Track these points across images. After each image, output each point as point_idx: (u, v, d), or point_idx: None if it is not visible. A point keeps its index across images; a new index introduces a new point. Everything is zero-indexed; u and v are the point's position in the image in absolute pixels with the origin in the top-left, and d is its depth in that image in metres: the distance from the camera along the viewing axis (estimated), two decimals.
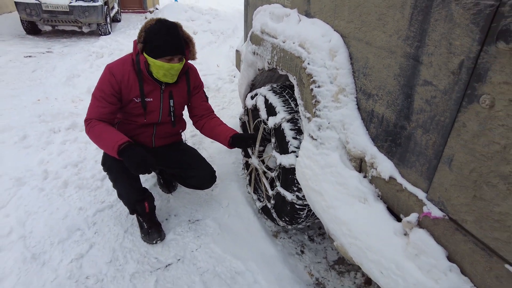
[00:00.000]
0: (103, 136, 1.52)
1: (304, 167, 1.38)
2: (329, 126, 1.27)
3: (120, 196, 1.77)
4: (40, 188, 2.12)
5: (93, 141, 1.57)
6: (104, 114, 1.59)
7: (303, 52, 1.35)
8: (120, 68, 1.61)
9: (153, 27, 1.56)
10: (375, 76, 1.12)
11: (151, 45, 1.55)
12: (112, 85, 1.59)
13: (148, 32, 1.56)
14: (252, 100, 1.85)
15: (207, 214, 2.01)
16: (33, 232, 1.78)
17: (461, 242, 0.85)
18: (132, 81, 1.62)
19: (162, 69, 1.58)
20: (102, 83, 1.60)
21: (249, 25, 2.31)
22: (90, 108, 1.61)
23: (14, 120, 2.98)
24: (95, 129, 1.54)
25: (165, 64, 1.57)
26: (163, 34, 1.54)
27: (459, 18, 0.79)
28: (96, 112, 1.58)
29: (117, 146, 1.46)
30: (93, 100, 1.61)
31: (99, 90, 1.60)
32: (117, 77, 1.59)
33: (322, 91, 1.28)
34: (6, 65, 4.76)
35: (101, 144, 1.54)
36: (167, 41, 1.54)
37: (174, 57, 1.58)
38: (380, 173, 1.11)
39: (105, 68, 1.62)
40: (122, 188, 1.72)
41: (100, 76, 1.63)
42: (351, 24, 1.20)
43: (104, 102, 1.59)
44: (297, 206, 1.56)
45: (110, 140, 1.49)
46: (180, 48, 1.59)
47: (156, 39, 1.54)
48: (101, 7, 6.55)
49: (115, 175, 1.68)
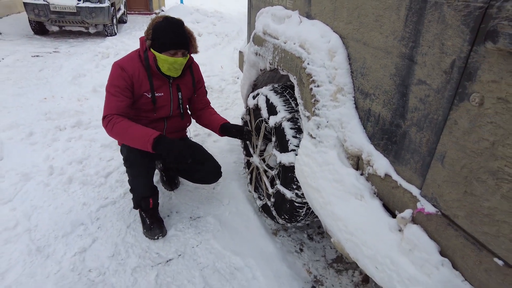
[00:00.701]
0: (131, 131, 1.54)
1: (303, 165, 1.41)
2: (328, 125, 1.30)
3: (134, 190, 1.80)
4: (45, 183, 2.16)
5: (116, 136, 1.60)
6: (122, 108, 1.62)
7: (303, 52, 1.38)
8: (130, 64, 1.65)
9: (159, 24, 1.63)
10: (372, 76, 1.15)
11: (158, 41, 1.62)
12: (125, 79, 1.62)
13: (155, 29, 1.62)
14: (254, 99, 1.88)
15: (208, 211, 2.04)
16: (38, 225, 1.83)
17: (453, 237, 0.87)
18: (142, 76, 1.67)
19: (166, 62, 1.64)
20: (114, 78, 1.63)
21: (252, 27, 2.35)
22: (107, 104, 1.63)
23: (21, 117, 3.04)
24: (120, 125, 1.56)
25: (169, 58, 1.63)
26: (168, 31, 1.61)
27: (451, 20, 0.82)
28: (114, 107, 1.60)
29: (152, 139, 1.50)
30: (108, 97, 1.63)
31: (113, 86, 1.62)
32: (128, 71, 1.63)
33: (321, 90, 1.31)
34: (14, 64, 4.85)
35: (129, 138, 1.56)
36: (171, 37, 1.61)
37: (178, 52, 1.65)
38: (376, 170, 1.14)
39: (113, 65, 1.66)
40: (138, 183, 1.76)
41: (110, 74, 1.66)
42: (349, 25, 1.23)
43: (121, 96, 1.62)
44: (296, 204, 1.59)
45: (142, 134, 1.53)
46: (183, 43, 1.66)
47: (162, 35, 1.61)
48: (107, 8, 6.64)
49: (136, 171, 1.71)
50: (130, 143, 1.59)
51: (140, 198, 1.79)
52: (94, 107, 3.40)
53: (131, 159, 1.67)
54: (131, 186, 1.80)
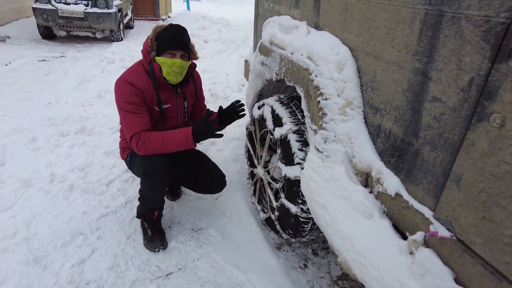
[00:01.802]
0: (167, 138, 1.58)
1: (309, 180, 1.36)
2: (336, 139, 1.26)
3: (145, 201, 1.76)
4: (46, 190, 2.13)
5: (154, 151, 1.58)
6: (146, 124, 1.61)
7: (311, 64, 1.35)
8: (138, 79, 1.61)
9: (162, 30, 1.62)
10: (383, 90, 1.11)
11: (158, 44, 1.61)
12: (138, 95, 1.60)
13: (157, 37, 1.61)
14: (259, 110, 1.85)
15: (210, 223, 2.00)
16: (37, 234, 1.79)
17: (469, 264, 0.82)
18: (151, 89, 1.65)
19: (165, 65, 1.61)
20: (126, 96, 1.58)
21: (258, 36, 2.33)
22: (129, 124, 1.59)
23: (25, 122, 3.03)
24: (153, 138, 1.57)
25: (167, 60, 1.60)
26: (168, 33, 1.61)
27: (469, 35, 0.78)
28: (140, 125, 1.58)
29: (190, 135, 1.58)
30: (127, 116, 1.59)
31: (129, 103, 1.58)
32: (138, 87, 1.60)
33: (329, 103, 1.27)
34: (21, 68, 4.88)
35: (169, 145, 1.58)
36: (169, 37, 1.60)
37: (176, 53, 1.61)
38: (386, 189, 1.09)
39: (120, 82, 1.61)
40: (153, 195, 1.73)
41: (118, 92, 1.60)
42: (360, 38, 1.19)
43: (142, 111, 1.61)
44: (301, 219, 1.54)
45: (178, 136, 1.59)
46: (181, 44, 1.62)
47: (162, 37, 1.61)
48: (115, 14, 6.70)
49: (154, 184, 1.67)
50: (171, 149, 1.59)
51: (149, 209, 1.75)
52: (98, 113, 3.39)
53: (152, 171, 1.62)
54: (142, 197, 1.76)
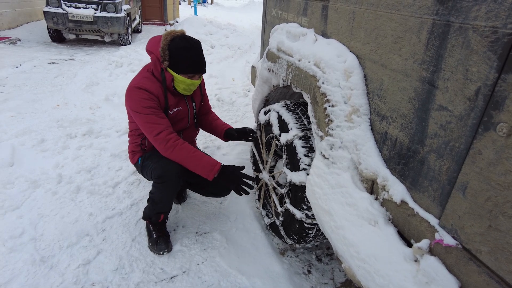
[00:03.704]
0: (195, 157, 1.59)
1: (314, 186, 1.37)
2: (342, 146, 1.27)
3: (153, 202, 1.76)
4: (53, 191, 2.16)
5: (176, 156, 1.59)
6: (167, 122, 1.63)
7: (318, 71, 1.36)
8: (152, 85, 1.62)
9: (177, 43, 1.58)
10: (389, 98, 1.12)
11: (176, 60, 1.60)
12: (153, 99, 1.61)
13: (172, 50, 1.58)
14: (265, 115, 1.86)
15: (215, 227, 2.00)
16: (43, 235, 1.81)
17: (475, 273, 0.82)
18: (162, 95, 1.67)
19: (183, 84, 1.65)
20: (142, 101, 1.58)
21: (266, 42, 2.35)
22: (150, 124, 1.58)
23: (34, 123, 3.08)
24: (186, 147, 1.59)
25: (187, 80, 1.64)
26: (188, 55, 1.60)
27: (476, 45, 0.79)
28: (162, 123, 1.59)
29: (216, 170, 1.57)
30: (147, 118, 1.58)
31: (147, 107, 1.59)
32: (153, 93, 1.61)
33: (336, 110, 1.28)
34: (31, 70, 4.97)
35: (193, 163, 1.58)
36: (191, 62, 1.61)
37: (197, 75, 1.67)
38: (391, 196, 1.09)
39: (132, 89, 1.61)
40: (163, 199, 1.72)
41: (134, 98, 1.60)
42: (367, 46, 1.21)
43: (160, 113, 1.62)
44: (306, 225, 1.55)
45: (206, 162, 1.59)
46: (204, 67, 1.68)
47: (181, 58, 1.59)
48: (123, 18, 6.80)
49: (167, 188, 1.67)
50: (191, 167, 1.59)
51: (156, 212, 1.77)
52: (106, 115, 3.43)
53: (166, 177, 1.62)
54: (152, 199, 1.76)
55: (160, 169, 1.64)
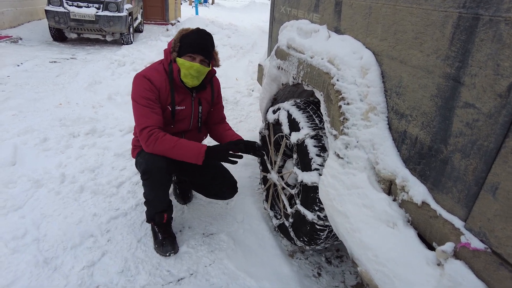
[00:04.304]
0: (180, 145, 1.55)
1: (328, 186, 1.33)
2: (357, 145, 1.23)
3: (149, 204, 1.74)
4: (56, 191, 2.12)
5: (161, 150, 1.55)
6: (158, 119, 1.59)
7: (332, 68, 1.32)
8: (156, 76, 1.62)
9: (188, 33, 1.62)
10: (409, 96, 1.08)
11: (181, 46, 1.61)
12: (153, 92, 1.60)
13: (182, 38, 1.62)
14: (274, 114, 1.82)
15: (222, 228, 1.96)
16: (47, 235, 1.77)
17: (507, 279, 0.78)
18: (167, 89, 1.65)
19: (183, 67, 1.60)
20: (143, 91, 1.58)
21: (274, 40, 2.32)
22: (141, 116, 1.57)
23: (36, 122, 3.04)
24: (167, 139, 1.54)
25: (186, 62, 1.59)
26: (194, 36, 1.61)
27: (509, 39, 0.75)
28: (151, 118, 1.57)
29: (203, 152, 1.56)
30: (141, 109, 1.57)
31: (143, 98, 1.58)
32: (156, 84, 1.60)
33: (351, 108, 1.24)
34: (32, 69, 4.92)
35: (179, 152, 1.55)
36: (192, 40, 1.60)
37: (196, 57, 1.61)
38: (412, 197, 1.05)
39: (138, 76, 1.62)
40: (155, 197, 1.70)
41: (135, 85, 1.61)
42: (384, 42, 1.17)
43: (155, 107, 1.60)
44: (317, 227, 1.51)
45: (191, 148, 1.56)
46: (203, 49, 1.62)
47: (187, 39, 1.61)
48: (125, 17, 6.76)
49: (154, 184, 1.64)
50: (179, 156, 1.56)
51: (155, 212, 1.73)
52: (109, 114, 3.39)
53: (150, 172, 1.60)
54: (146, 199, 1.73)
55: (144, 164, 1.61)
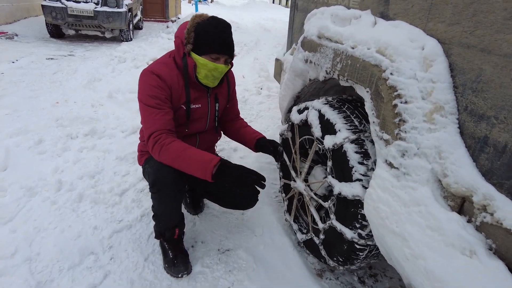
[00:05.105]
0: (184, 156, 1.28)
1: (377, 202, 1.11)
2: (418, 153, 1.01)
3: (159, 219, 1.52)
4: (52, 200, 1.89)
5: (167, 161, 1.32)
6: (168, 121, 1.35)
7: (383, 60, 1.10)
8: (167, 72, 1.39)
9: (204, 23, 1.37)
10: (493, 93, 0.86)
11: (200, 40, 1.36)
12: (164, 90, 1.37)
13: (198, 30, 1.36)
14: (300, 114, 1.60)
15: (239, 243, 1.74)
16: (40, 254, 1.54)
17: None
18: (180, 86, 1.43)
19: (205, 68, 1.38)
20: (151, 89, 1.36)
21: (295, 31, 2.09)
22: (148, 120, 1.35)
23: (31, 122, 2.80)
24: (173, 148, 1.29)
25: (209, 63, 1.37)
26: (214, 31, 1.36)
27: None
28: (159, 122, 1.33)
29: (212, 167, 1.24)
30: (148, 110, 1.35)
31: (152, 97, 1.35)
32: (167, 81, 1.38)
33: (411, 108, 1.02)
34: (28, 66, 4.69)
35: (184, 163, 1.29)
36: (217, 37, 1.36)
37: (221, 57, 1.39)
38: (499, 220, 0.84)
39: (146, 72, 1.39)
40: (166, 211, 1.48)
41: (143, 82, 1.39)
42: (456, 27, 0.95)
43: (165, 107, 1.37)
44: (357, 246, 1.29)
45: (199, 159, 1.27)
46: (230, 48, 1.41)
47: (206, 36, 1.35)
48: (125, 13, 6.53)
49: (165, 197, 1.42)
50: (184, 168, 1.31)
51: (165, 228, 1.50)
52: (109, 114, 3.16)
53: (161, 183, 1.38)
54: (156, 214, 1.51)
55: (153, 174, 1.39)
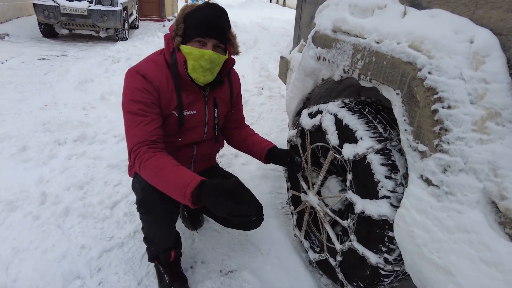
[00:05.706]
0: (161, 177, 1.05)
1: (412, 225, 0.93)
2: (465, 169, 0.83)
3: (149, 241, 1.35)
4: (35, 215, 1.70)
5: (149, 181, 1.11)
6: (151, 131, 1.13)
7: (419, 56, 0.92)
8: (155, 72, 1.19)
9: (193, 10, 1.18)
10: None
11: (186, 29, 1.18)
12: (150, 93, 1.17)
13: (186, 18, 1.18)
14: (312, 119, 1.42)
15: (243, 263, 1.56)
16: (17, 280, 1.35)
17: None
18: (171, 88, 1.22)
19: (191, 57, 1.16)
20: (135, 92, 1.16)
21: (303, 26, 1.91)
22: (130, 130, 1.14)
23: (15, 127, 2.61)
24: (150, 165, 1.07)
25: (194, 50, 1.15)
26: (202, 12, 1.16)
27: None
28: (141, 132, 1.12)
29: (189, 194, 0.98)
30: (130, 119, 1.15)
31: (135, 102, 1.15)
32: (154, 82, 1.17)
33: (456, 114, 0.84)
34: (18, 67, 4.49)
35: (160, 183, 1.07)
36: (203, 19, 1.15)
37: (207, 41, 1.17)
38: None
39: (130, 73, 1.18)
40: (156, 233, 1.30)
41: (126, 85, 1.18)
42: None
43: (149, 114, 1.15)
44: (382, 272, 1.11)
45: (176, 183, 1.02)
46: (217, 30, 1.17)
47: (193, 19, 1.17)
48: (119, 12, 6.33)
49: (155, 218, 1.24)
50: (162, 188, 1.08)
51: (160, 250, 1.32)
52: (102, 117, 2.97)
53: (149, 203, 1.19)
54: (146, 236, 1.33)
55: (140, 192, 1.21)
